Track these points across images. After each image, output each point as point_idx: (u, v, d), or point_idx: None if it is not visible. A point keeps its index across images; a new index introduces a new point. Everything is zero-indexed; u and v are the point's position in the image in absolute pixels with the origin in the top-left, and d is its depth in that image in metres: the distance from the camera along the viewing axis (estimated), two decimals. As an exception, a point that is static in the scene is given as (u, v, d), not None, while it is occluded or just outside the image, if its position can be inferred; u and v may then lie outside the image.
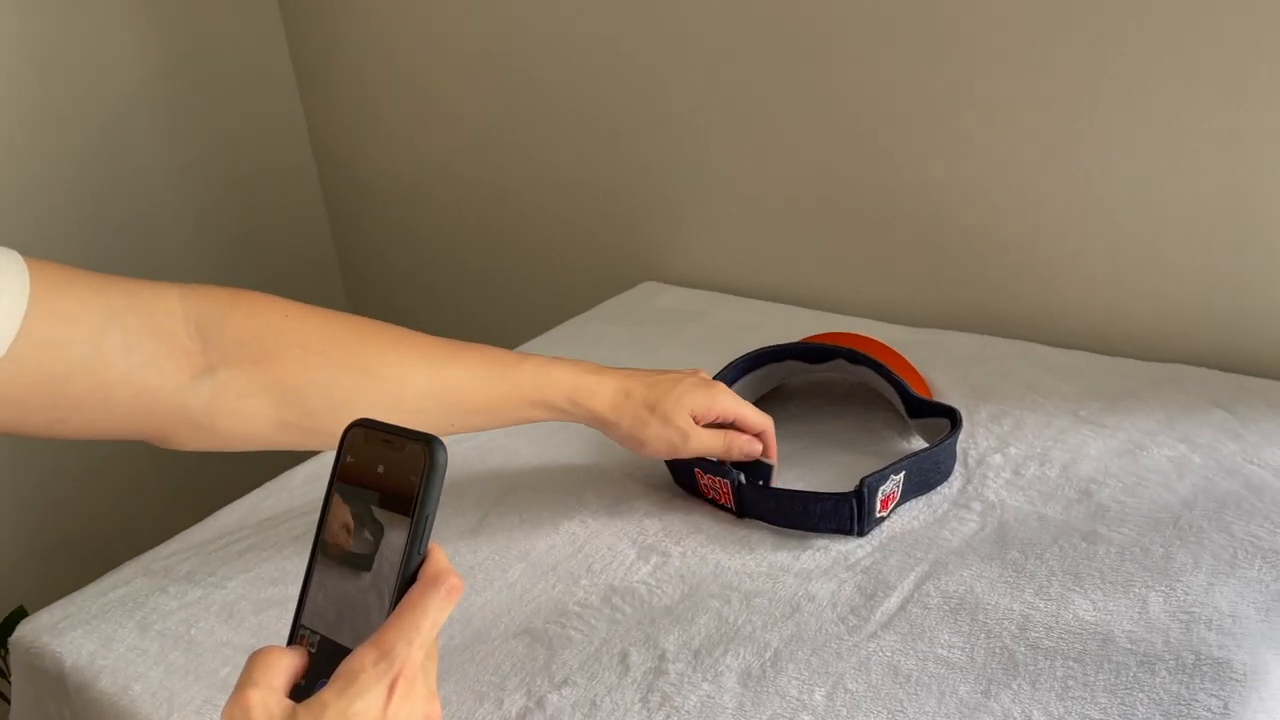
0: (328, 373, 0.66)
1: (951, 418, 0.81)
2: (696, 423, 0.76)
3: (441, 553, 0.48)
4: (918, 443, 0.86)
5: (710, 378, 0.80)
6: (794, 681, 0.62)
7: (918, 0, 0.98)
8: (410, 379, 0.69)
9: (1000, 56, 0.95)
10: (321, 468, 0.91)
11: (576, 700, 0.62)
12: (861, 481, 0.73)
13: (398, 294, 1.61)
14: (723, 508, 0.79)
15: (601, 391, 0.75)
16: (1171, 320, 0.95)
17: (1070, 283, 1.00)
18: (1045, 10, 0.92)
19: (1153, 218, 0.93)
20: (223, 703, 0.64)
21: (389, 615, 0.46)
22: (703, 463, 0.79)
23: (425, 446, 0.47)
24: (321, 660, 0.47)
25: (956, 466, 0.81)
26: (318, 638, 0.48)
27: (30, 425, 0.58)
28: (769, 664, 0.64)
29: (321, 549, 0.49)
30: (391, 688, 0.44)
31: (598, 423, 0.75)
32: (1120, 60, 0.90)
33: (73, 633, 0.73)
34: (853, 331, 1.02)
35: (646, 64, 1.19)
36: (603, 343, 1.11)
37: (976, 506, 0.77)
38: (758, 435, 0.79)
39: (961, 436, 0.84)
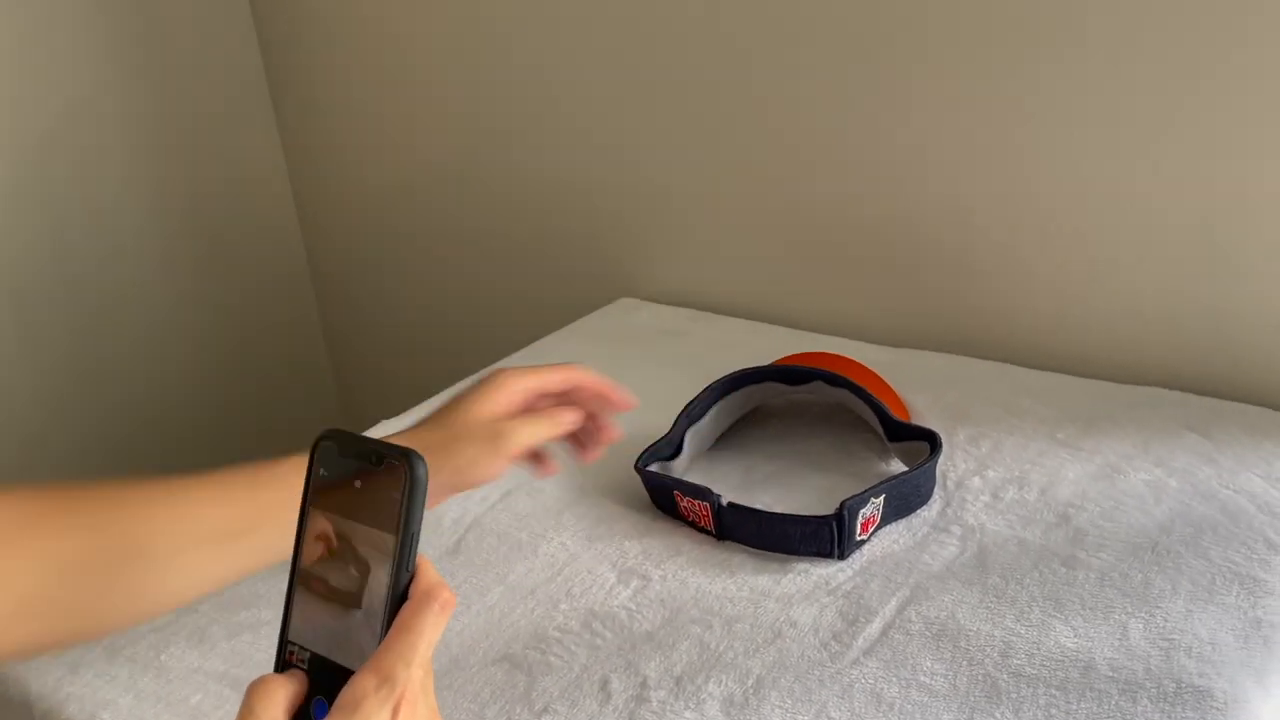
0: (47, 544, 0.55)
1: (931, 441, 0.82)
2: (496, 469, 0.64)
3: (430, 566, 0.47)
4: (896, 465, 0.86)
5: (502, 411, 0.66)
6: (777, 710, 0.62)
7: (896, 21, 0.99)
8: (147, 522, 0.57)
9: (978, 79, 0.96)
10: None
11: (557, 729, 0.62)
12: (842, 504, 0.73)
13: (372, 310, 1.60)
14: (702, 530, 0.79)
15: None
16: (1146, 343, 0.96)
17: (1046, 305, 1.00)
18: (1024, 31, 0.92)
19: (1128, 243, 0.94)
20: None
21: (383, 634, 0.45)
22: (682, 485, 0.79)
23: (404, 461, 0.46)
24: (315, 677, 0.47)
25: (936, 489, 0.81)
26: (308, 654, 0.47)
27: None
28: (751, 691, 0.63)
29: (301, 574, 0.48)
30: (395, 712, 0.43)
31: None
32: (1098, 85, 0.90)
33: (38, 659, 0.71)
34: (830, 351, 1.02)
35: (624, 82, 1.18)
36: (582, 359, 1.10)
37: (956, 530, 0.77)
38: (568, 391, 0.68)
39: (941, 459, 0.84)
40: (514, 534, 0.81)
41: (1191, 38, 0.85)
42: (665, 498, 0.81)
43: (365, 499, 0.47)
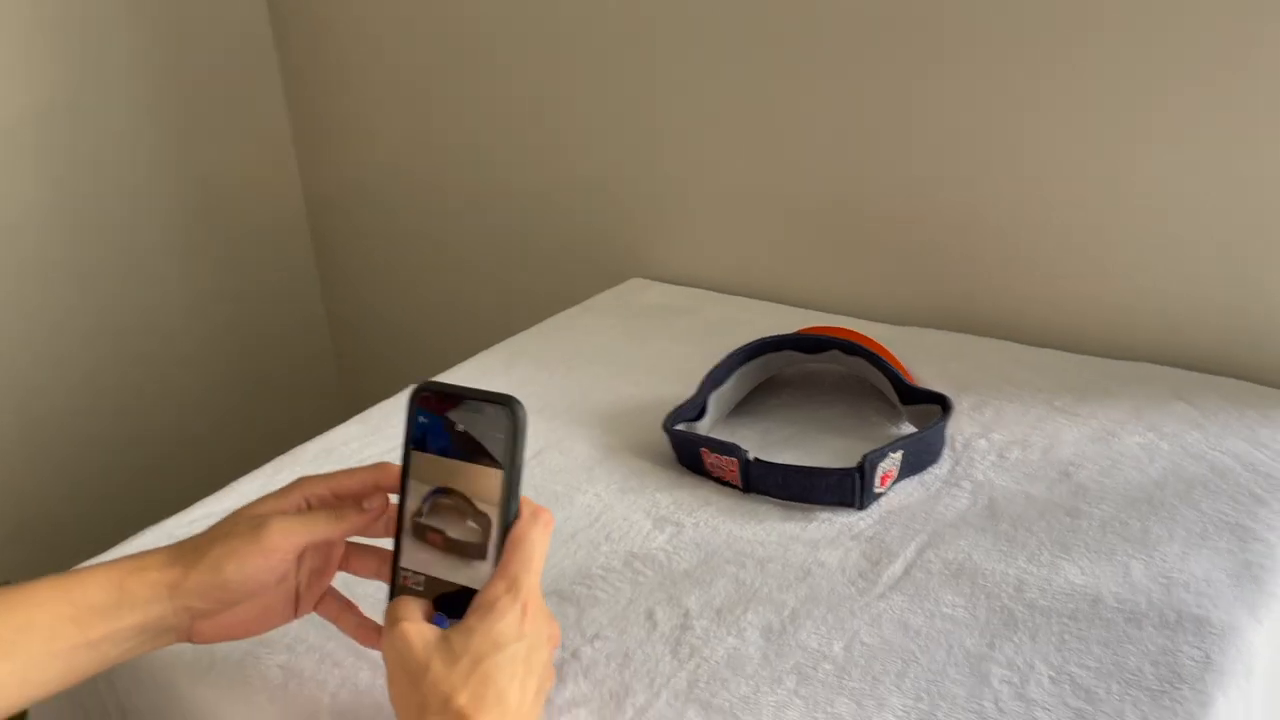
0: None
1: (943, 404, 0.87)
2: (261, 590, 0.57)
3: (527, 497, 0.55)
4: (907, 428, 0.91)
5: (251, 516, 0.57)
6: (813, 636, 0.66)
7: (901, 6, 1.04)
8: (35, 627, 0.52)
9: (983, 66, 1.02)
10: (330, 443, 0.93)
11: (610, 652, 0.66)
12: (864, 458, 0.78)
13: (377, 290, 1.63)
14: (728, 484, 0.84)
15: (139, 596, 0.54)
16: (1136, 321, 1.02)
17: (1042, 285, 1.06)
18: (1023, 12, 0.98)
19: (1121, 229, 1.00)
20: (264, 655, 0.67)
21: (497, 552, 0.53)
22: (709, 441, 0.84)
23: (508, 408, 0.53)
24: (432, 598, 0.55)
25: (945, 450, 0.87)
26: (422, 577, 0.54)
27: None
28: (788, 620, 0.68)
29: (413, 518, 0.55)
30: (524, 610, 0.52)
31: (155, 638, 0.56)
32: (1098, 75, 0.97)
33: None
34: (836, 326, 1.07)
35: (633, 64, 1.23)
36: (599, 333, 1.15)
37: (967, 485, 0.82)
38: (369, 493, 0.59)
39: (948, 422, 0.90)
40: (549, 487, 0.85)
41: (1187, 27, 0.92)
42: (692, 455, 0.85)
43: (468, 440, 0.54)
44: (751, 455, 0.82)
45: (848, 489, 0.79)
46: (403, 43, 1.43)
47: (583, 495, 0.83)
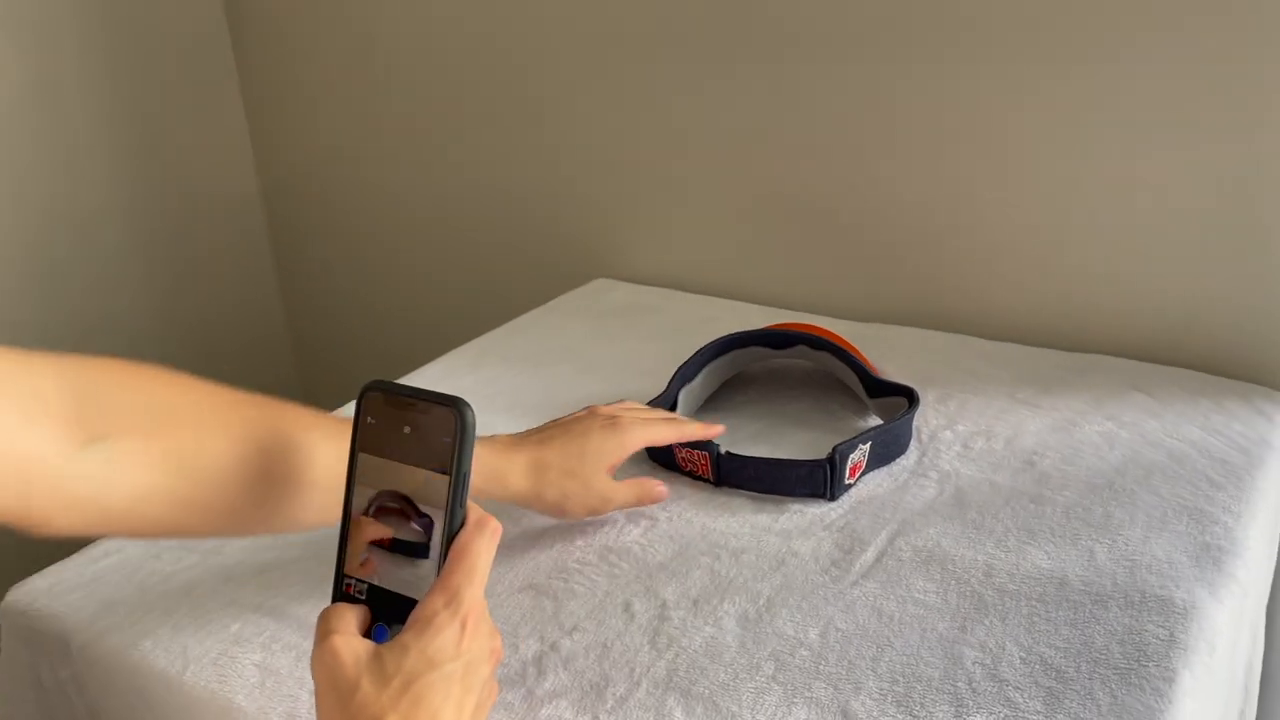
0: (232, 447, 0.58)
1: (909, 396, 0.89)
2: (612, 469, 0.76)
3: (473, 504, 0.52)
4: (874, 421, 0.93)
5: (609, 411, 0.78)
6: (789, 623, 0.67)
7: (865, 5, 1.06)
8: (317, 455, 0.60)
9: (945, 66, 1.04)
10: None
11: (589, 644, 0.66)
12: (834, 449, 0.79)
13: (340, 292, 1.62)
14: (700, 479, 0.84)
15: (514, 470, 0.71)
16: (1094, 315, 1.04)
17: (1003, 281, 1.08)
18: (983, 10, 1.00)
19: (1075, 225, 1.02)
20: (240, 655, 0.67)
21: (441, 562, 0.51)
22: None
23: (455, 409, 0.50)
24: (373, 607, 0.52)
25: (911, 442, 0.88)
26: (365, 586, 0.52)
27: None
28: (764, 609, 0.69)
29: (356, 521, 0.53)
30: (463, 626, 0.49)
31: (519, 502, 0.73)
32: (1050, 71, 0.99)
33: (70, 595, 0.73)
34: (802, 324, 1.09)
35: (597, 64, 1.24)
36: (565, 332, 1.15)
37: (934, 475, 0.84)
38: (677, 443, 0.81)
39: (913, 415, 0.92)
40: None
41: (1152, 26, 0.94)
42: (663, 451, 0.86)
43: (415, 443, 0.51)
44: (724, 449, 0.83)
45: (819, 480, 0.80)
46: (364, 40, 1.42)
47: (556, 491, 0.84)
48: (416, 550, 0.52)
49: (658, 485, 0.80)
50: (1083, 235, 1.02)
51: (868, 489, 0.82)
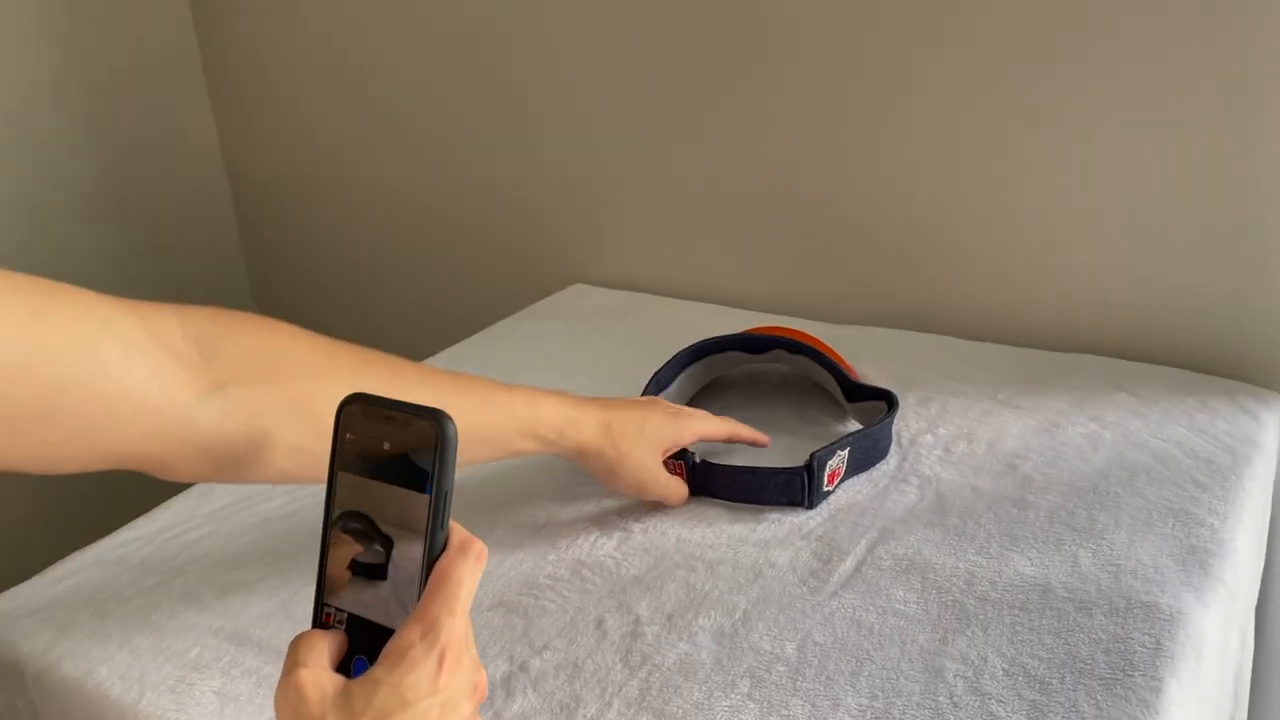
0: (340, 393, 0.59)
1: (888, 400, 0.87)
2: (666, 454, 0.79)
3: (457, 525, 0.48)
4: (853, 425, 0.91)
5: (668, 403, 0.82)
6: (765, 637, 0.65)
7: (840, 9, 1.04)
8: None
9: (920, 67, 1.02)
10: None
11: (559, 663, 0.64)
12: (811, 456, 0.78)
13: (312, 301, 1.60)
14: None
15: (586, 424, 0.74)
16: (1075, 313, 1.03)
17: (982, 281, 1.07)
18: (960, 12, 0.99)
19: (1055, 223, 1.01)
20: (198, 681, 0.64)
21: (421, 589, 0.46)
22: None
23: (434, 421, 0.46)
24: (353, 638, 0.48)
25: (892, 446, 0.87)
26: (345, 615, 0.48)
27: (18, 449, 0.52)
28: (740, 623, 0.67)
29: (334, 545, 0.48)
30: (441, 661, 0.44)
31: (580, 455, 0.75)
32: (1029, 70, 0.97)
33: (25, 621, 0.71)
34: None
35: (570, 68, 1.22)
36: (543, 338, 1.14)
37: (914, 480, 0.82)
38: (728, 440, 0.84)
39: (894, 419, 0.90)
40: (494, 496, 0.83)
41: (1123, 32, 0.93)
42: None
43: (395, 461, 0.47)
44: (699, 458, 0.81)
45: (796, 488, 0.78)
46: (331, 43, 1.40)
47: (528, 505, 0.82)
48: (392, 585, 0.47)
49: (684, 490, 0.80)
50: (1064, 233, 1.01)
51: (847, 496, 0.80)
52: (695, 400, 0.97)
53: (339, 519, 0.48)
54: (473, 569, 0.47)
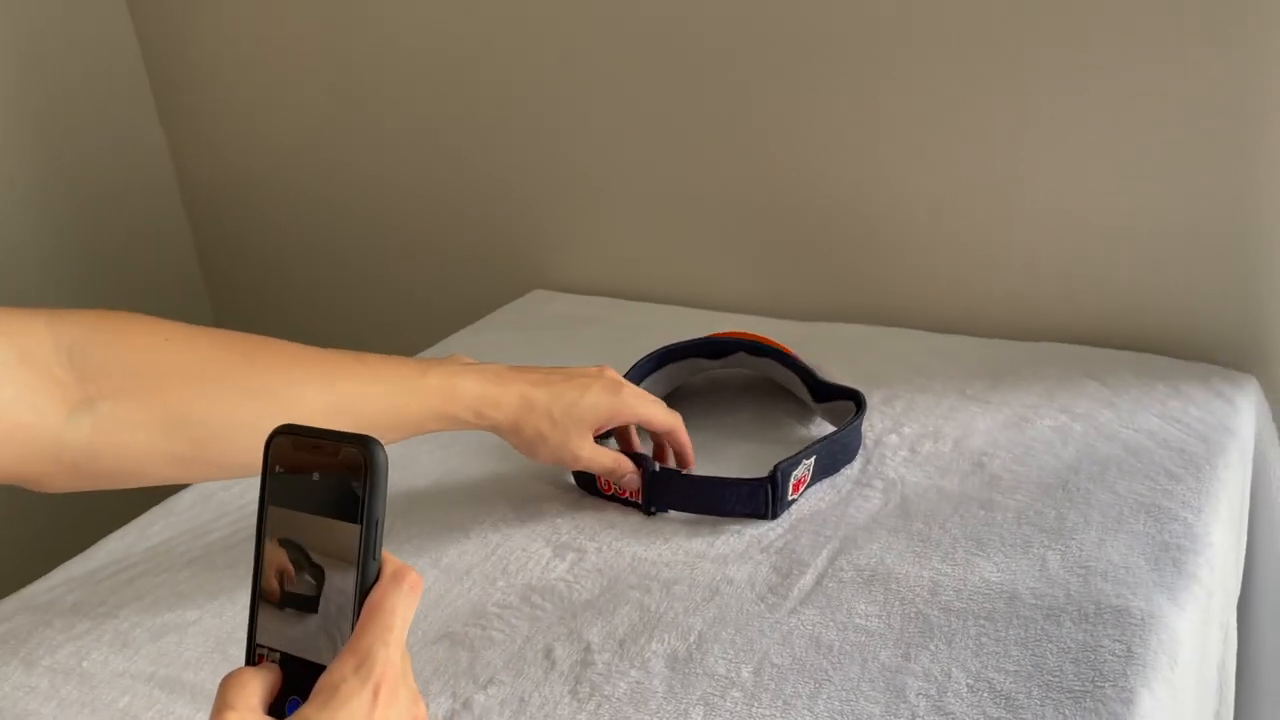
0: (218, 398, 0.62)
1: (856, 400, 0.84)
2: (599, 430, 0.76)
3: (390, 555, 0.46)
4: (819, 427, 0.88)
5: (617, 377, 0.79)
6: (721, 661, 0.62)
7: (799, 6, 1.01)
8: (307, 397, 0.65)
9: (874, 59, 0.99)
10: (206, 490, 0.87)
11: (504, 698, 0.61)
12: (776, 467, 0.75)
13: (268, 310, 1.56)
14: (627, 503, 0.79)
15: (505, 401, 0.72)
16: (1043, 301, 1.00)
17: (945, 272, 1.04)
18: (920, 12, 0.96)
19: (1017, 207, 0.98)
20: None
21: (354, 621, 0.44)
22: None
23: (362, 448, 0.45)
24: (288, 676, 0.46)
25: (860, 448, 0.84)
26: (278, 655, 0.46)
27: None
28: (694, 646, 0.64)
29: (265, 579, 0.46)
30: (375, 694, 0.42)
31: (497, 431, 0.74)
32: (982, 59, 0.94)
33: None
34: (742, 329, 1.04)
35: (528, 69, 1.19)
36: (498, 349, 1.10)
37: (878, 484, 0.79)
38: (666, 434, 0.80)
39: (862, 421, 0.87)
40: (444, 518, 0.80)
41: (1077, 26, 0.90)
42: (588, 476, 0.80)
43: (325, 491, 0.46)
44: (657, 465, 0.78)
45: (760, 500, 0.75)
46: (281, 43, 1.36)
47: (479, 526, 0.79)
48: (323, 619, 0.45)
49: (635, 475, 0.77)
50: (1029, 220, 0.98)
51: (809, 503, 0.77)
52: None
53: (287, 553, 0.46)
54: (407, 599, 0.45)
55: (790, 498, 0.76)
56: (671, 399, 0.94)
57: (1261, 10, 0.83)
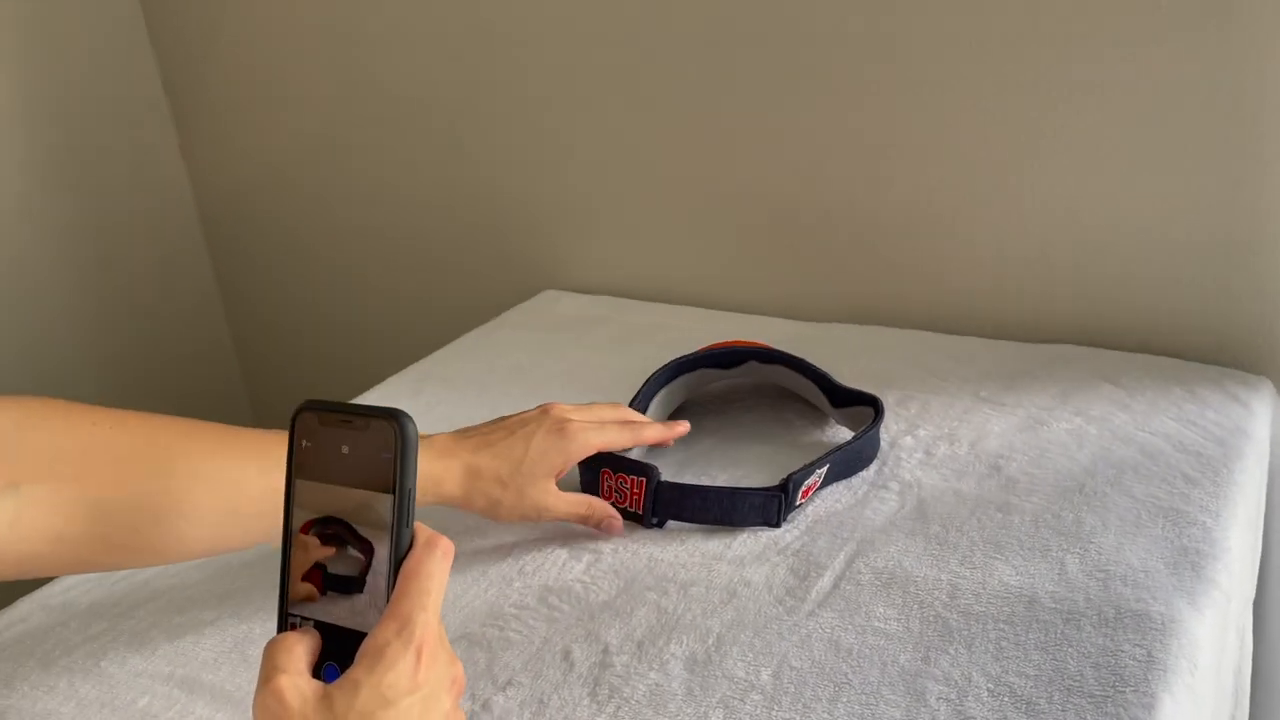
0: (149, 483, 0.59)
1: (875, 406, 0.83)
2: (560, 474, 0.74)
3: (422, 524, 0.48)
4: (835, 432, 0.88)
5: (561, 413, 0.74)
6: (739, 664, 0.62)
7: (806, 9, 1.01)
8: (244, 480, 0.62)
9: (889, 61, 0.99)
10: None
11: (523, 699, 0.61)
12: (788, 477, 0.74)
13: (283, 314, 1.56)
14: (628, 513, 0.76)
15: (448, 476, 0.70)
16: (1057, 302, 1.00)
17: (958, 273, 1.04)
18: (926, 14, 0.96)
19: (1031, 209, 0.98)
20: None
21: (390, 588, 0.46)
22: (611, 461, 0.76)
23: (393, 421, 0.46)
24: (323, 641, 0.47)
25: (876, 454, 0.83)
26: (311, 623, 0.47)
27: None
28: (713, 649, 0.64)
29: (297, 550, 0.48)
30: (418, 656, 0.44)
31: (451, 505, 0.72)
32: (997, 65, 0.94)
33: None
34: (754, 329, 1.03)
35: (539, 70, 1.19)
36: (512, 349, 1.10)
37: (894, 486, 0.79)
38: (634, 445, 0.78)
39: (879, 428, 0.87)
40: (460, 519, 0.80)
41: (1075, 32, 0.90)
42: (590, 482, 0.78)
43: (355, 464, 0.47)
44: (662, 475, 0.75)
45: (772, 510, 0.74)
46: (295, 50, 1.36)
47: (495, 527, 0.78)
48: (359, 588, 0.47)
49: (612, 515, 0.75)
50: (1042, 222, 0.98)
51: (825, 505, 0.77)
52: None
53: (318, 523, 0.47)
54: (441, 564, 0.47)
55: (798, 503, 0.76)
56: (681, 411, 0.93)
57: None
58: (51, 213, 1.42)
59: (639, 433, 0.78)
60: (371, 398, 1.02)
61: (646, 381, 0.88)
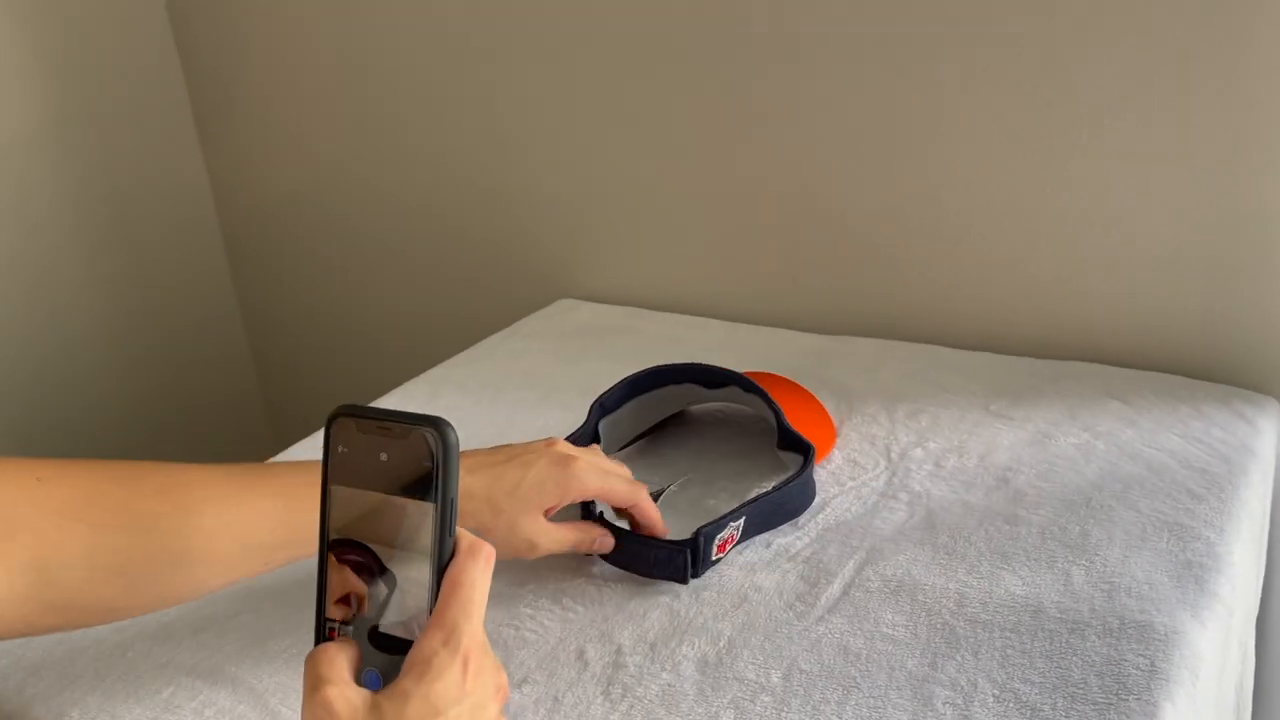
0: (93, 538, 0.56)
1: (805, 453, 0.81)
2: (551, 511, 0.70)
3: (463, 530, 0.48)
4: (776, 474, 0.84)
5: (566, 449, 0.71)
6: (750, 666, 0.64)
7: (819, 16, 1.03)
8: (203, 523, 0.58)
9: (904, 76, 1.01)
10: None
11: (539, 697, 0.63)
12: (698, 531, 0.71)
13: (301, 317, 1.58)
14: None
15: None
16: (1065, 319, 1.01)
17: (970, 289, 1.05)
18: (943, 22, 0.97)
19: (1044, 227, 0.99)
20: (170, 723, 0.62)
21: (433, 596, 0.46)
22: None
23: (435, 430, 0.45)
24: (362, 648, 0.47)
25: (881, 461, 0.85)
26: (349, 629, 0.47)
27: None
28: (724, 651, 0.65)
29: (334, 558, 0.48)
30: (465, 665, 0.45)
31: None
32: (1014, 78, 0.96)
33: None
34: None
35: (555, 79, 1.21)
36: (527, 356, 1.12)
37: (904, 497, 0.80)
38: (630, 508, 0.73)
39: (883, 433, 0.88)
40: (475, 521, 0.81)
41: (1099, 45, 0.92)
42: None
43: (394, 471, 0.46)
44: (598, 510, 0.74)
45: (679, 565, 0.71)
46: (315, 71, 1.39)
47: (510, 529, 0.80)
48: (401, 594, 0.47)
49: (604, 535, 0.72)
50: (1053, 238, 0.99)
51: (835, 514, 0.79)
52: (657, 434, 0.93)
53: (336, 545, 0.47)
54: (484, 572, 0.47)
55: (715, 557, 0.73)
56: (674, 422, 0.94)
57: (1289, 39, 0.85)
58: (82, 228, 1.45)
59: (639, 493, 0.73)
60: (387, 403, 1.04)
61: (621, 380, 0.87)
